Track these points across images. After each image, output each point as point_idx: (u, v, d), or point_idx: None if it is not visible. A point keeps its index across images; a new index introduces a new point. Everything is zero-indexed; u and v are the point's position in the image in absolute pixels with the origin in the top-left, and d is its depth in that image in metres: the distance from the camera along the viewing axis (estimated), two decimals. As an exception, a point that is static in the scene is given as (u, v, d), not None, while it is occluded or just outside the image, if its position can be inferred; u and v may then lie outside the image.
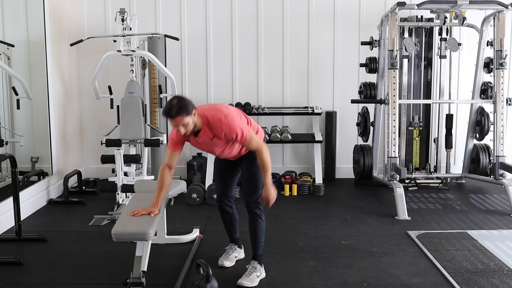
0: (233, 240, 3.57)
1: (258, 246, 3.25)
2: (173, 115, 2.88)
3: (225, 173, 3.40)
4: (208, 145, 3.14)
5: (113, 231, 2.89)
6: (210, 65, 6.04)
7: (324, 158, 6.04)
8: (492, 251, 3.68)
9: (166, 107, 2.92)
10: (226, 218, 3.49)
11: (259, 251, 3.25)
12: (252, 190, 3.22)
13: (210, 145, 3.13)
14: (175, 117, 2.88)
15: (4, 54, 4.85)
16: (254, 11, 5.96)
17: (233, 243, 3.57)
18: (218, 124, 2.99)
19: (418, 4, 4.94)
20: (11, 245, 3.88)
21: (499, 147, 5.06)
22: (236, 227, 3.54)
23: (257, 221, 3.22)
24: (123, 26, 4.78)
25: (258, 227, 3.22)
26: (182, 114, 2.88)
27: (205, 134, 3.05)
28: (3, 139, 4.84)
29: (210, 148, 3.17)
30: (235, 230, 3.54)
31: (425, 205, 4.99)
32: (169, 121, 2.95)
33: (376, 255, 3.66)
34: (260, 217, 3.23)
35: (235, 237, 3.56)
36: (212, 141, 3.08)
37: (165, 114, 2.91)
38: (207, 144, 3.12)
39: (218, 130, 3.00)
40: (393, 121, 4.95)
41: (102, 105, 5.63)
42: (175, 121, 2.90)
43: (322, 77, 6.07)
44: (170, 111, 2.88)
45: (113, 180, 4.68)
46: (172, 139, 3.15)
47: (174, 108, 2.88)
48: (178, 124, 2.91)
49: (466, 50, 5.78)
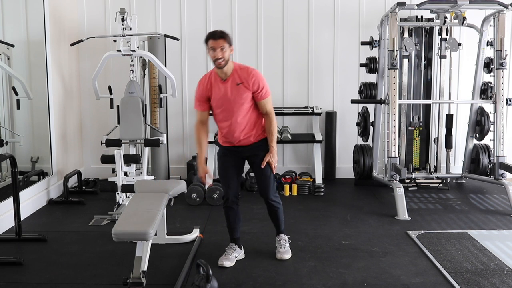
0: (234, 239, 3.59)
1: (281, 224, 3.64)
2: (216, 36, 3.20)
3: (231, 171, 3.48)
4: (229, 101, 3.28)
5: (113, 231, 2.89)
6: (210, 65, 6.01)
7: (324, 158, 6.04)
8: (492, 251, 3.68)
9: (210, 32, 3.27)
10: (231, 216, 3.54)
11: (282, 227, 3.65)
12: (268, 182, 3.45)
13: (231, 101, 3.28)
14: (218, 38, 3.20)
15: (4, 54, 4.85)
16: (254, 11, 5.96)
17: (233, 243, 3.59)
18: (248, 71, 3.30)
19: (418, 4, 4.93)
20: (11, 245, 3.88)
21: (499, 147, 5.06)
22: (238, 226, 3.60)
23: (278, 207, 3.56)
24: (123, 26, 4.78)
25: (279, 212, 3.58)
26: (225, 38, 3.22)
27: (233, 79, 3.28)
28: (3, 139, 4.84)
29: (230, 105, 3.29)
30: (237, 229, 3.59)
31: (425, 205, 4.99)
32: (210, 43, 3.21)
33: (376, 255, 3.66)
34: (279, 203, 3.55)
35: (236, 236, 3.59)
36: (237, 93, 3.26)
37: (210, 35, 3.23)
38: (229, 100, 3.28)
39: (248, 77, 3.27)
40: (393, 121, 4.95)
41: (102, 105, 5.64)
42: (217, 42, 3.19)
43: (322, 77, 6.07)
44: (215, 33, 3.23)
45: (113, 180, 4.68)
46: (197, 97, 3.38)
47: (218, 32, 3.24)
48: (219, 45, 3.19)
49: (466, 50, 5.78)
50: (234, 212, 3.53)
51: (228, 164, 3.47)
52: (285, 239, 3.66)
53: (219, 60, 3.21)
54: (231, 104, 3.30)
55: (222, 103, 3.32)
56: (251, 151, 3.43)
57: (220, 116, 3.38)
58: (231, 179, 3.48)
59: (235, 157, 3.46)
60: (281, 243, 3.63)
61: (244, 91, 3.28)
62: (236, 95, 3.28)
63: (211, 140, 4.44)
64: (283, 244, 3.63)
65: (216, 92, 3.32)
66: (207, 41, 3.24)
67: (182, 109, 6.08)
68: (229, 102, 3.30)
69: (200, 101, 3.38)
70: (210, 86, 3.34)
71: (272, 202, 3.51)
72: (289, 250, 3.63)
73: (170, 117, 5.95)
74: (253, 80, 3.27)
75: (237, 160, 3.48)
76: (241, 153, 3.45)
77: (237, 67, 3.32)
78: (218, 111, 3.38)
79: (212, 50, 3.21)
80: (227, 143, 3.45)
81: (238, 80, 3.28)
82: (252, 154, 3.44)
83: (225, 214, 3.56)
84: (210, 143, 5.52)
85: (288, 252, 3.60)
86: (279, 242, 3.64)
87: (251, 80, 3.27)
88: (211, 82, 3.35)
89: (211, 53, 3.23)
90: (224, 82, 3.30)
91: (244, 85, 3.27)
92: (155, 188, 3.79)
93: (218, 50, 3.19)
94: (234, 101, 3.29)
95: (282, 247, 3.61)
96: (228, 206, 3.51)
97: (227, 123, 3.35)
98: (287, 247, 3.63)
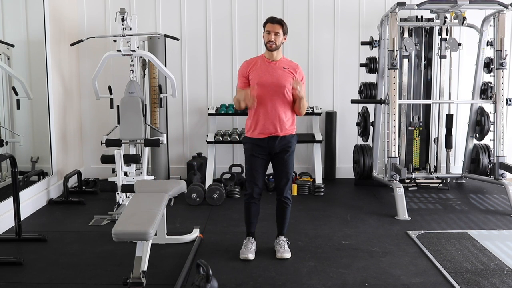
0: (251, 233, 3.72)
1: (286, 225, 3.74)
2: (274, 21, 3.45)
3: (259, 169, 3.59)
4: (273, 79, 3.46)
5: (113, 230, 2.89)
6: (210, 65, 6.04)
7: (324, 158, 6.04)
8: (492, 251, 3.69)
9: (270, 17, 3.50)
10: (252, 211, 3.66)
11: (285, 229, 3.74)
12: (287, 180, 3.61)
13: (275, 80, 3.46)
14: (275, 23, 3.45)
15: (4, 54, 4.85)
16: (254, 11, 5.96)
17: (250, 237, 3.71)
18: (295, 64, 3.57)
19: (418, 4, 4.94)
20: (11, 245, 3.88)
21: (499, 147, 5.06)
22: (257, 220, 3.73)
23: (288, 206, 3.67)
24: (123, 26, 4.78)
25: (288, 211, 3.69)
26: (282, 25, 3.46)
27: (281, 63, 3.52)
28: (3, 139, 4.84)
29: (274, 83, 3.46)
30: (255, 223, 3.73)
31: (425, 205, 4.99)
32: (267, 26, 3.46)
33: (376, 255, 3.67)
34: (290, 202, 3.68)
35: (254, 230, 3.74)
36: (282, 74, 3.47)
37: (269, 19, 3.48)
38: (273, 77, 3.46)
39: (295, 67, 3.53)
40: (393, 121, 4.95)
41: (102, 105, 5.64)
42: (273, 26, 3.44)
43: (322, 77, 6.07)
44: (274, 18, 3.48)
45: (113, 180, 4.68)
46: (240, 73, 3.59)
47: (277, 18, 3.49)
48: (274, 30, 3.43)
49: (466, 50, 5.78)
50: (256, 207, 3.66)
51: (256, 163, 3.58)
52: (285, 241, 3.71)
53: (270, 42, 3.44)
54: (275, 81, 3.47)
55: (266, 79, 3.47)
56: (279, 146, 3.52)
57: (261, 95, 3.45)
58: (258, 176, 3.59)
59: (263, 154, 3.55)
60: (280, 244, 3.68)
61: (290, 76, 3.49)
62: (281, 75, 3.48)
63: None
64: (283, 244, 3.67)
65: (261, 68, 3.50)
66: (265, 24, 3.48)
67: (182, 109, 6.08)
68: (272, 79, 3.47)
69: (242, 76, 3.57)
70: (254, 64, 3.54)
71: (284, 200, 3.63)
72: (288, 250, 3.66)
73: (170, 117, 5.95)
74: (299, 71, 3.54)
75: (264, 158, 3.58)
76: (269, 148, 3.52)
77: (285, 59, 3.60)
78: (259, 89, 3.46)
79: (267, 33, 3.45)
80: (258, 133, 3.52)
81: (284, 65, 3.52)
82: (279, 151, 3.54)
83: (246, 208, 3.67)
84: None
85: (288, 252, 3.64)
86: (279, 242, 3.69)
87: (297, 70, 3.54)
88: (258, 61, 3.56)
89: (266, 35, 3.47)
90: (272, 62, 3.52)
91: (290, 71, 3.50)
92: (155, 188, 3.79)
93: (272, 34, 3.43)
94: (278, 80, 3.47)
95: (281, 247, 3.65)
96: (251, 201, 3.63)
97: (265, 103, 3.46)
98: (286, 247, 3.67)
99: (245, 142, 3.64)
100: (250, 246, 3.64)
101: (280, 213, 3.70)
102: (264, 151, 3.55)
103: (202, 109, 6.08)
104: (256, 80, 3.47)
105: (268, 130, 3.49)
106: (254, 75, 3.49)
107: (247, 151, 3.62)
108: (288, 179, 3.61)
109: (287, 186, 3.63)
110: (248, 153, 3.60)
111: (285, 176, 3.60)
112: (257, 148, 3.54)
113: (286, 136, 3.53)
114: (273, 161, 3.62)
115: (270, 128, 3.49)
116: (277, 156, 3.57)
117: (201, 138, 5.99)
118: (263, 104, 3.47)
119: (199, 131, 6.11)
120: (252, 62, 3.57)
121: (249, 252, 3.59)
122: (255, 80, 3.47)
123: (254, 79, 3.48)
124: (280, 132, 3.50)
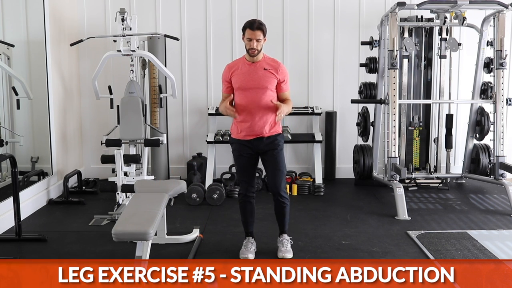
0: (250, 233, 3.71)
1: (286, 223, 3.69)
2: (254, 28, 3.37)
3: (248, 168, 3.60)
4: (254, 81, 3.44)
5: (113, 230, 2.89)
6: (210, 65, 6.04)
7: (324, 158, 6.04)
8: (492, 251, 3.68)
9: (248, 21, 3.41)
10: (248, 209, 3.66)
11: (286, 227, 3.69)
12: (280, 177, 3.56)
13: (256, 82, 3.43)
14: (255, 30, 3.37)
15: (4, 54, 4.85)
16: (254, 11, 5.95)
17: (249, 237, 3.70)
18: (277, 62, 3.51)
19: (418, 4, 4.93)
20: (11, 245, 3.88)
21: (499, 147, 5.06)
22: (253, 219, 3.73)
23: (286, 204, 3.62)
24: (123, 26, 4.78)
25: (287, 209, 3.64)
26: (262, 30, 3.39)
27: (261, 64, 3.48)
28: (3, 139, 4.84)
29: (255, 85, 3.44)
30: (252, 222, 3.73)
31: (425, 205, 4.99)
32: (247, 33, 3.39)
33: (376, 255, 3.67)
34: (288, 200, 3.63)
35: (251, 229, 3.72)
36: (263, 76, 3.44)
37: (248, 24, 3.40)
38: (254, 80, 3.44)
39: (276, 66, 3.47)
40: (393, 121, 4.95)
41: (102, 105, 5.63)
42: (254, 34, 3.37)
43: (322, 77, 6.07)
44: (253, 23, 3.39)
45: (113, 180, 4.68)
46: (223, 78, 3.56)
47: (256, 23, 3.39)
48: (256, 37, 3.37)
49: (466, 50, 5.78)
50: (250, 206, 3.65)
51: (245, 162, 3.58)
52: (288, 239, 3.69)
53: (253, 50, 3.41)
54: (256, 84, 3.45)
55: (246, 83, 3.46)
56: (266, 145, 3.51)
57: (242, 98, 3.47)
58: (248, 175, 3.60)
59: (250, 153, 3.54)
60: (283, 243, 3.66)
61: (271, 76, 3.46)
62: (262, 77, 3.45)
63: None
64: (286, 243, 3.66)
65: (242, 72, 3.48)
66: (245, 29, 3.42)
67: (182, 109, 6.08)
68: (253, 82, 3.45)
69: (225, 81, 3.55)
70: (236, 68, 3.51)
71: (281, 199, 3.59)
72: (291, 250, 3.65)
73: (170, 117, 5.95)
74: (281, 71, 3.49)
75: (252, 156, 3.57)
76: (256, 148, 3.52)
77: (266, 57, 3.53)
78: (241, 93, 3.47)
79: (248, 40, 3.40)
80: (243, 135, 3.51)
81: (266, 66, 3.48)
82: (266, 150, 3.52)
83: (242, 208, 3.66)
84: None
85: (290, 252, 3.63)
86: (282, 241, 3.67)
87: (279, 69, 3.48)
88: (239, 65, 3.53)
89: (247, 42, 3.41)
90: (252, 64, 3.49)
91: (271, 71, 3.46)
92: (155, 188, 3.79)
93: (254, 41, 3.38)
94: (259, 83, 3.45)
95: (284, 246, 3.64)
96: (246, 200, 3.63)
97: (248, 107, 3.45)
98: (289, 247, 3.66)
99: (232, 143, 3.65)
100: (250, 246, 3.64)
101: (278, 213, 3.67)
102: (251, 151, 3.55)
103: (202, 109, 6.08)
104: (237, 84, 3.48)
105: (254, 132, 3.49)
106: (236, 79, 3.49)
107: (235, 151, 3.63)
108: (280, 176, 3.56)
109: (281, 183, 3.58)
110: (236, 153, 3.61)
111: (277, 174, 3.55)
112: (244, 148, 3.55)
113: (272, 136, 3.52)
114: (263, 161, 3.60)
115: (255, 130, 3.48)
116: (266, 154, 3.55)
117: (201, 138, 5.99)
118: (246, 108, 3.47)
119: (199, 131, 6.11)
120: (233, 65, 3.56)
121: (249, 252, 3.60)
122: (236, 84, 3.48)
123: (235, 83, 3.49)
124: (265, 133, 3.50)
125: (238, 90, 3.49)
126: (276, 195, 3.60)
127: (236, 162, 3.69)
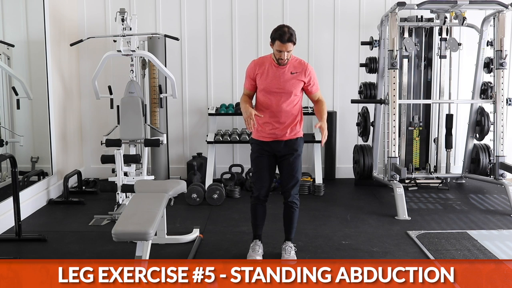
0: (258, 236, 3.65)
1: (293, 230, 3.61)
2: (284, 40, 3.20)
3: (266, 171, 3.53)
4: (280, 85, 3.35)
5: (113, 230, 2.89)
6: (210, 65, 6.04)
7: (324, 158, 6.04)
8: (492, 251, 3.69)
9: (278, 31, 3.22)
10: (259, 212, 3.61)
11: (292, 234, 3.61)
12: (294, 182, 3.50)
13: (282, 86, 3.34)
14: (286, 42, 3.20)
15: (4, 54, 4.85)
16: (254, 11, 5.96)
17: (257, 239, 3.64)
18: (306, 65, 3.40)
19: (418, 4, 4.94)
20: (11, 245, 3.88)
21: (499, 147, 5.06)
22: (263, 223, 3.66)
23: (296, 210, 3.55)
24: (123, 26, 4.78)
25: (295, 215, 3.56)
26: (293, 41, 3.24)
27: (289, 68, 3.36)
28: (3, 139, 4.84)
29: (280, 89, 3.35)
30: (262, 226, 3.66)
31: (425, 205, 4.99)
32: (277, 45, 3.23)
33: (376, 255, 3.67)
34: (298, 206, 3.56)
35: (260, 232, 3.66)
36: (290, 80, 3.34)
37: (278, 36, 3.21)
38: (279, 84, 3.34)
39: (304, 68, 3.37)
40: (393, 121, 4.95)
41: (102, 105, 5.64)
42: (285, 46, 3.22)
43: (322, 77, 6.06)
44: (283, 35, 3.19)
45: (113, 180, 4.68)
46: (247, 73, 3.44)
47: (287, 34, 3.20)
48: (286, 49, 3.23)
49: (466, 50, 5.78)
50: (262, 209, 3.60)
51: (263, 165, 3.51)
52: (291, 247, 3.60)
53: (282, 60, 3.31)
54: (281, 89, 3.36)
55: (272, 86, 3.37)
56: (284, 149, 3.46)
57: (266, 101, 3.41)
58: (265, 179, 3.53)
59: (269, 155, 3.50)
60: (286, 249, 3.57)
61: (297, 81, 3.38)
62: (288, 81, 3.36)
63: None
64: (289, 250, 3.57)
65: (268, 74, 3.38)
66: (275, 41, 3.27)
67: (182, 109, 6.08)
68: (279, 86, 3.36)
69: (249, 78, 3.45)
70: (262, 67, 3.40)
71: (292, 204, 3.53)
72: (294, 256, 3.57)
73: (170, 117, 5.95)
74: (309, 72, 3.40)
75: (272, 160, 3.51)
76: (276, 150, 3.47)
77: (293, 59, 3.40)
78: (265, 95, 3.40)
79: (278, 52, 3.27)
80: (264, 135, 3.47)
81: (293, 70, 3.37)
82: (284, 153, 3.47)
83: (253, 211, 3.61)
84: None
85: (294, 258, 3.55)
86: (285, 248, 3.58)
87: (307, 71, 3.39)
88: (266, 64, 3.41)
89: (277, 53, 3.29)
90: (279, 67, 3.37)
91: (298, 75, 3.38)
92: (155, 188, 3.79)
93: (285, 53, 3.26)
94: (284, 87, 3.36)
95: (287, 253, 3.56)
96: (259, 203, 3.58)
97: (271, 110, 3.40)
98: (292, 254, 3.57)
99: (251, 143, 3.61)
100: (257, 249, 3.58)
101: (287, 218, 3.58)
102: (269, 153, 3.50)
103: (202, 109, 6.08)
104: (262, 85, 3.40)
105: (275, 134, 3.44)
106: (261, 81, 3.40)
107: (253, 152, 3.57)
108: (294, 182, 3.50)
109: (294, 189, 3.51)
110: (255, 154, 3.55)
111: (291, 179, 3.49)
112: (263, 149, 3.50)
113: (292, 140, 3.47)
114: (279, 164, 3.55)
115: (276, 133, 3.43)
116: (283, 158, 3.50)
117: (201, 138, 5.99)
118: (269, 110, 3.41)
119: (199, 131, 6.11)
120: (260, 64, 3.43)
121: (256, 254, 3.54)
122: (261, 85, 3.40)
123: (260, 84, 3.41)
124: (286, 137, 3.45)
125: (263, 91, 3.41)
126: (287, 200, 3.54)
127: (253, 164, 3.58)
